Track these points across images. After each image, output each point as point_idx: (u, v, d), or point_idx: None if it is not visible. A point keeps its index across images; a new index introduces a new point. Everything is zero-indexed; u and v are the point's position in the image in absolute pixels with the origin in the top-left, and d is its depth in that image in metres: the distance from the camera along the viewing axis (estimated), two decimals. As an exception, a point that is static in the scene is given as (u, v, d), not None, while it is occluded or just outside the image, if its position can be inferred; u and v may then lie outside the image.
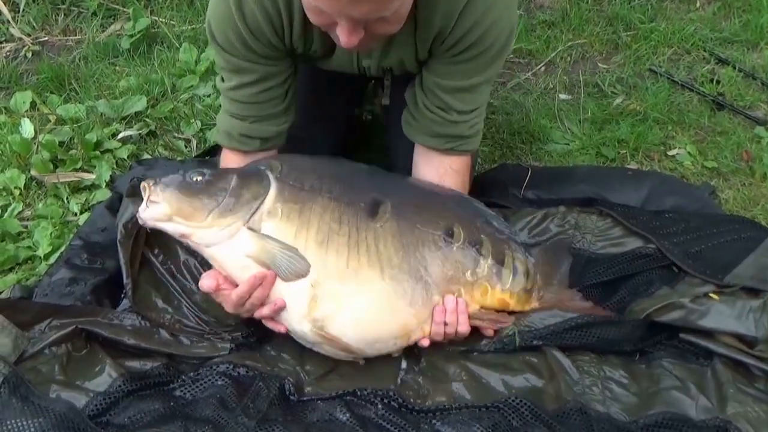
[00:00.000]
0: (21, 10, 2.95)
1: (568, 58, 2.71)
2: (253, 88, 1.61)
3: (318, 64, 1.70)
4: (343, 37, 1.32)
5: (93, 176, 2.10)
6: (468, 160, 1.75)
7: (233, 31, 1.52)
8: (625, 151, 2.24)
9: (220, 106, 2.36)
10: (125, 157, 2.21)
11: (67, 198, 2.06)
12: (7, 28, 2.95)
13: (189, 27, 2.89)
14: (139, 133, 2.31)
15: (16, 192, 2.07)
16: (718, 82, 2.53)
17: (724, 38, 2.76)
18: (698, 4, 2.99)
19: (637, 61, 2.66)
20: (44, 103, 2.43)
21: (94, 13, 2.99)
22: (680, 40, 2.74)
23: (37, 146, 2.20)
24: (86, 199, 2.05)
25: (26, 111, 2.39)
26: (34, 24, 2.98)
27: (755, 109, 2.42)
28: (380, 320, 1.48)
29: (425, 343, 1.52)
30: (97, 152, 2.20)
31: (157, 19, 2.93)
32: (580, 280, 1.75)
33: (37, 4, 3.04)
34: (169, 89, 2.51)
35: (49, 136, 2.23)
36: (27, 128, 2.26)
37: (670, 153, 2.24)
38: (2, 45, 2.87)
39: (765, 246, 1.73)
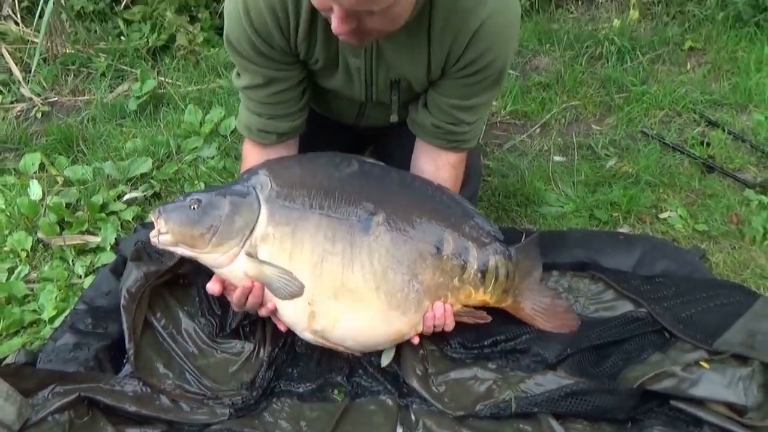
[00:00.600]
0: (32, 71, 3.05)
1: (563, 120, 2.79)
2: (264, 90, 1.70)
3: (322, 81, 1.75)
4: (334, 23, 1.35)
5: (98, 239, 2.15)
6: (464, 156, 1.84)
7: (242, 32, 1.58)
8: (617, 214, 2.29)
9: (223, 167, 2.46)
10: (130, 219, 2.26)
11: (72, 260, 2.11)
12: (18, 88, 3.05)
13: (195, 88, 2.99)
14: (144, 195, 2.37)
15: (23, 254, 2.12)
16: (708, 144, 2.60)
17: (713, 101, 2.84)
18: (688, 67, 3.09)
19: (629, 123, 2.74)
20: (53, 164, 2.50)
21: (103, 74, 3.09)
22: (671, 103, 2.82)
23: (45, 209, 2.26)
24: (91, 262, 2.10)
25: (35, 172, 2.46)
26: (44, 84, 3.07)
27: (744, 172, 2.48)
28: (376, 330, 1.61)
29: (416, 340, 1.67)
30: (103, 214, 2.26)
31: (163, 80, 3.02)
32: (574, 343, 1.78)
33: (48, 65, 3.14)
34: (174, 150, 2.58)
35: (57, 198, 2.29)
36: (35, 190, 2.33)
37: (661, 216, 2.29)
38: (13, 105, 2.96)
39: (753, 311, 1.77)
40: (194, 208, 1.58)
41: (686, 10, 3.35)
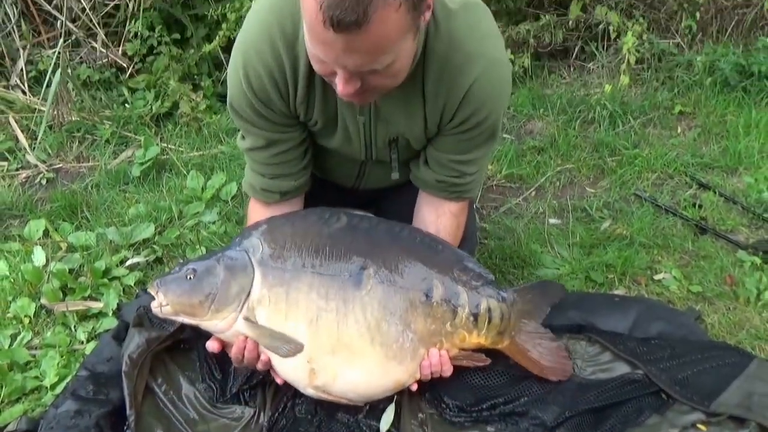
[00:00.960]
0: (38, 138, 3.12)
1: (557, 183, 2.85)
2: (266, 152, 1.76)
3: (322, 141, 1.81)
4: (339, 86, 1.41)
5: (101, 304, 2.18)
6: (465, 204, 1.90)
7: (243, 96, 1.65)
8: (613, 276, 2.32)
9: (224, 232, 2.51)
10: (132, 284, 2.29)
11: (74, 326, 2.13)
12: (23, 155, 3.11)
13: (197, 154, 3.06)
14: (146, 260, 2.41)
15: (26, 320, 2.14)
16: (700, 206, 2.65)
17: (704, 163, 2.90)
18: (679, 131, 3.16)
19: (622, 186, 2.79)
20: (56, 230, 2.55)
21: (107, 141, 3.16)
22: (663, 166, 2.88)
23: (49, 275, 2.29)
24: (93, 327, 2.12)
25: (39, 239, 2.50)
26: (50, 151, 3.14)
27: (736, 233, 2.53)
28: (375, 382, 1.65)
29: (414, 387, 1.70)
30: (106, 279, 2.29)
31: (166, 146, 3.09)
32: (572, 406, 1.80)
33: (54, 132, 3.22)
34: (176, 215, 2.63)
35: (60, 265, 2.32)
36: (39, 256, 2.37)
37: (656, 277, 2.32)
38: (18, 172, 3.02)
39: (748, 372, 1.79)
40: (190, 278, 1.63)
41: (675, 76, 3.45)
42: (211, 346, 1.68)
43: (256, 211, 1.87)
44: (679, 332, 1.98)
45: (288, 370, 1.63)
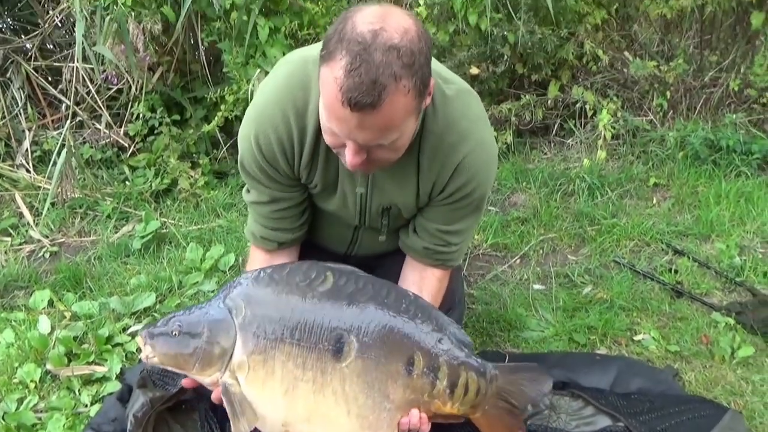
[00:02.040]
0: (42, 215, 3.24)
1: (540, 251, 2.99)
2: (268, 207, 1.91)
3: (321, 202, 1.94)
4: (349, 156, 1.55)
5: (104, 369, 2.26)
6: (448, 272, 2.01)
7: (252, 157, 1.80)
8: (594, 337, 2.44)
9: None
10: (134, 351, 2.37)
11: (79, 390, 2.20)
12: (27, 231, 3.23)
13: (195, 227, 3.19)
14: (148, 327, 2.49)
15: (32, 385, 2.22)
16: (676, 271, 2.79)
17: (679, 231, 3.06)
18: (654, 201, 3.34)
19: (602, 253, 2.94)
20: (61, 300, 2.65)
21: (109, 216, 3.29)
22: (640, 234, 3.04)
23: (54, 342, 2.38)
24: (97, 391, 2.20)
25: (44, 308, 2.60)
26: (52, 227, 3.26)
27: (711, 296, 2.66)
28: None
29: None
30: (109, 346, 2.38)
31: (166, 220, 3.22)
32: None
33: (57, 208, 3.35)
34: (176, 285, 2.74)
35: (65, 332, 2.42)
36: (44, 325, 2.46)
37: (636, 338, 2.44)
38: (22, 246, 3.13)
39: (723, 424, 1.90)
40: (176, 334, 1.66)
41: (649, 150, 3.65)
42: (187, 383, 1.76)
43: (256, 255, 2.02)
44: (657, 388, 2.10)
45: (263, 428, 1.66)
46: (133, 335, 2.46)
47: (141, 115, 3.58)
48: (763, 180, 3.41)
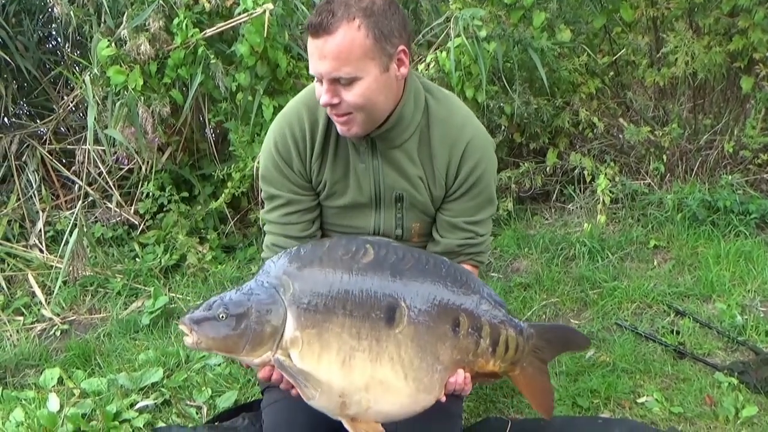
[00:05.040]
0: (54, 294, 3.32)
1: (543, 316, 3.02)
2: (282, 210, 2.02)
3: (337, 199, 2.02)
4: (322, 95, 1.78)
5: (112, 445, 2.29)
6: (477, 271, 2.08)
7: (271, 159, 1.99)
8: (598, 401, 2.45)
9: (229, 373, 2.65)
10: (141, 426, 2.41)
11: (87, 467, 2.23)
12: (39, 309, 3.30)
13: (203, 302, 3.23)
14: (155, 403, 2.53)
15: (41, 463, 2.25)
16: (678, 332, 2.81)
17: (680, 292, 3.09)
18: (655, 263, 3.37)
19: (604, 316, 2.96)
20: (70, 378, 2.69)
21: (119, 293, 3.36)
22: (641, 296, 3.06)
23: (63, 419, 2.41)
24: (105, 467, 2.23)
25: (53, 386, 2.64)
26: (64, 305, 3.33)
27: (713, 356, 2.67)
28: (406, 410, 1.72)
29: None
30: (116, 422, 2.41)
31: (174, 295, 3.29)
32: None
33: (68, 287, 3.42)
34: (183, 360, 2.78)
35: (74, 410, 2.45)
36: (53, 403, 2.49)
37: (639, 401, 2.44)
38: (33, 325, 3.20)
39: (727, 486, 1.89)
40: (223, 317, 1.64)
41: (648, 213, 3.71)
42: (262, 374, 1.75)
43: None
44: (661, 451, 2.09)
45: (320, 403, 1.67)
46: (141, 411, 2.49)
47: (150, 194, 3.68)
48: (761, 239, 3.45)
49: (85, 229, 3.55)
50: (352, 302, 1.67)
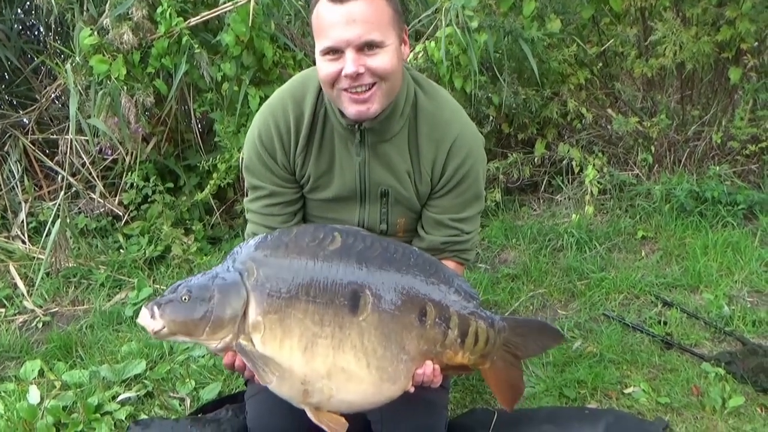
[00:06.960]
0: (36, 285, 3.27)
1: (531, 307, 3.00)
2: (264, 201, 1.98)
3: (321, 192, 1.98)
4: (348, 64, 1.71)
5: (92, 438, 2.26)
6: (464, 267, 2.07)
7: (254, 151, 1.95)
8: (585, 391, 2.43)
9: (213, 365, 2.62)
10: (123, 418, 2.37)
11: (67, 460, 2.20)
12: (21, 301, 3.25)
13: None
14: (137, 395, 2.50)
15: (20, 456, 2.21)
16: (665, 323, 2.80)
17: (667, 283, 3.08)
18: (642, 254, 3.36)
19: (591, 307, 2.95)
20: (51, 370, 2.65)
21: (102, 285, 3.31)
22: (629, 287, 3.05)
23: (43, 412, 2.37)
24: (85, 461, 2.19)
25: (34, 379, 2.60)
26: (46, 297, 3.28)
27: (700, 347, 2.67)
28: (369, 400, 1.70)
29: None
30: (98, 414, 2.37)
31: (158, 287, 3.25)
32: None
33: (51, 278, 3.38)
34: (166, 351, 2.74)
35: (54, 402, 2.41)
36: (34, 395, 2.46)
37: (626, 391, 2.43)
38: (15, 317, 3.15)
39: (713, 476, 1.88)
40: (185, 299, 1.63)
41: (636, 204, 3.70)
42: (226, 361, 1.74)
43: None
44: (647, 441, 2.08)
45: (282, 390, 1.66)
46: (123, 403, 2.46)
47: (135, 184, 3.64)
48: (749, 230, 3.45)
49: (68, 220, 3.50)
50: (315, 289, 1.65)
